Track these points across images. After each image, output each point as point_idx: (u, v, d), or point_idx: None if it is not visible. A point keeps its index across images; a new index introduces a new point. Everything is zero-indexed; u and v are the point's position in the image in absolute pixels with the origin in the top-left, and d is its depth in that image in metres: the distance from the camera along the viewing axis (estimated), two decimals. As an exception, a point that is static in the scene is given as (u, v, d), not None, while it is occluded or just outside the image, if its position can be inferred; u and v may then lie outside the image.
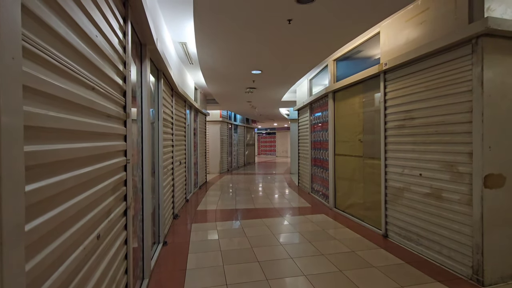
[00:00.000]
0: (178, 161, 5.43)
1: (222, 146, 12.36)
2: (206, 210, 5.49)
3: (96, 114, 1.33)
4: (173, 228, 4.35)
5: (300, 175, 8.22)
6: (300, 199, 6.50)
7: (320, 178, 6.30)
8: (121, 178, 1.76)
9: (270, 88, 7.22)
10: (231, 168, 13.86)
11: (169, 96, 4.53)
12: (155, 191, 3.57)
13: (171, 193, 4.60)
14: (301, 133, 8.06)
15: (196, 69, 6.30)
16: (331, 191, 5.47)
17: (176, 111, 5.29)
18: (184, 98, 5.92)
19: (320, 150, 6.31)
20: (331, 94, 5.41)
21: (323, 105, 6.01)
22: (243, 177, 10.71)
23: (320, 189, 6.31)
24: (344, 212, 5.04)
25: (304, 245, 3.58)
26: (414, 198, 3.32)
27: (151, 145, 3.31)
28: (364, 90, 4.41)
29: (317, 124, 6.52)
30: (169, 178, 4.44)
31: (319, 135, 6.32)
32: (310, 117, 7.01)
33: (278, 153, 25.41)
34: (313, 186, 6.91)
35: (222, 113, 12.30)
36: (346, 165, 4.97)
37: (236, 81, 6.41)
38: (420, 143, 3.23)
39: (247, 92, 7.48)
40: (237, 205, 5.87)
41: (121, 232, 1.77)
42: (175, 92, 5.06)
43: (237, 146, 15.14)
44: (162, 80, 3.64)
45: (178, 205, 5.32)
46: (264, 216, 5.01)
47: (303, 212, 5.32)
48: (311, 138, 6.97)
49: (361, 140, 4.48)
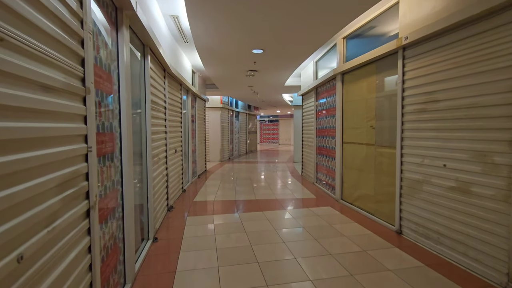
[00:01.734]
0: (173, 149, 5.05)
1: (222, 134, 11.95)
2: (204, 202, 5.15)
3: (17, 82, 0.92)
4: (166, 221, 4.01)
5: (304, 164, 7.83)
6: (304, 190, 6.14)
7: (326, 167, 5.90)
8: (78, 171, 1.37)
9: (272, 71, 6.73)
10: (232, 157, 13.50)
11: (160, 77, 4.09)
12: (143, 183, 3.20)
13: (164, 183, 4.24)
14: (305, 120, 7.61)
15: (192, 50, 5.82)
16: (338, 181, 5.08)
17: (170, 94, 4.86)
18: (180, 81, 5.48)
19: (326, 138, 5.88)
20: (340, 76, 4.93)
21: (330, 89, 5.54)
22: (245, 166, 10.35)
23: (326, 179, 5.93)
24: (352, 204, 4.67)
25: (309, 242, 3.22)
26: (435, 192, 2.91)
27: (136, 131, 2.91)
28: (378, 70, 3.93)
29: (323, 110, 6.06)
30: (161, 167, 4.07)
31: (325, 122, 5.88)
32: (316, 102, 6.54)
33: (281, 141, 25.00)
34: (317, 176, 6.53)
35: (222, 99, 11.82)
36: (355, 154, 4.55)
37: (236, 62, 5.93)
38: (444, 130, 2.80)
39: (248, 75, 6.99)
40: (237, 196, 5.52)
41: (79, 239, 1.39)
42: (168, 74, 4.62)
43: (239, 134, 14.72)
44: (149, 56, 3.20)
45: (173, 196, 4.98)
46: (266, 208, 4.66)
47: (307, 204, 4.96)
48: (316, 125, 6.53)
49: (373, 126, 4.04)
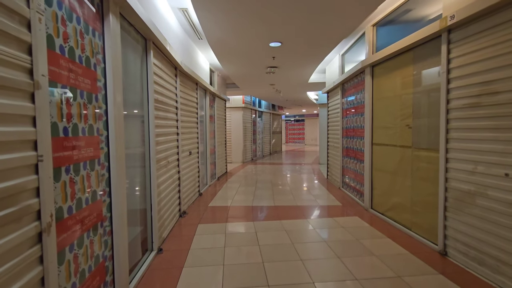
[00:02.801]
0: (187, 151, 4.81)
1: (245, 134, 11.67)
2: (219, 207, 4.85)
3: None
4: (176, 229, 3.75)
5: (329, 167, 7.26)
6: (328, 196, 5.61)
7: (353, 171, 5.33)
8: (22, 185, 1.08)
9: (294, 66, 6.27)
10: (256, 157, 13.17)
11: (170, 75, 3.85)
12: (146, 190, 2.95)
13: (175, 188, 3.99)
14: (331, 119, 7.04)
15: (209, 47, 5.55)
16: (367, 188, 4.51)
17: (183, 94, 4.62)
18: (195, 80, 5.23)
19: (353, 139, 5.31)
20: (369, 69, 4.36)
21: (358, 84, 4.97)
22: (267, 168, 9.96)
23: (353, 184, 5.35)
24: (383, 215, 4.09)
25: (332, 262, 2.76)
26: (493, 208, 2.32)
27: (135, 134, 2.66)
28: (415, 59, 3.35)
29: (350, 108, 5.49)
30: (171, 171, 3.82)
31: (353, 121, 5.31)
32: (342, 99, 5.97)
33: (307, 141, 24.25)
34: (344, 180, 5.96)
35: (245, 98, 11.53)
36: (388, 157, 3.97)
37: (253, 58, 5.56)
38: (507, 129, 2.20)
39: (268, 72, 6.60)
40: (255, 202, 5.15)
41: (25, 270, 1.10)
42: (180, 72, 4.37)
43: (262, 134, 14.36)
44: (152, 52, 2.93)
45: (187, 201, 4.74)
46: (284, 216, 4.24)
47: (332, 213, 4.45)
48: (343, 125, 5.96)
49: (409, 126, 3.46)
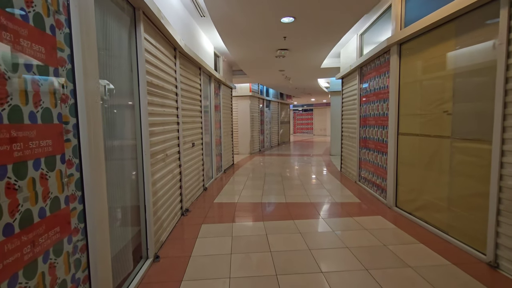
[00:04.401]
0: (190, 142, 4.38)
1: (252, 124, 11.18)
2: (225, 204, 4.43)
3: None
4: (177, 230, 3.35)
5: (344, 159, 6.75)
6: (344, 191, 5.13)
7: (373, 164, 4.82)
8: None
9: (306, 48, 5.69)
10: (263, 148, 12.71)
11: (168, 56, 3.37)
12: (139, 189, 2.52)
13: (175, 184, 3.57)
14: (345, 107, 6.48)
15: (214, 29, 5.03)
16: (391, 183, 4.01)
17: (185, 79, 4.15)
18: (198, 64, 4.74)
19: (373, 128, 4.78)
20: (396, 47, 3.79)
21: (381, 66, 4.40)
22: (276, 159, 9.50)
23: (373, 178, 4.85)
24: (411, 214, 3.60)
25: (359, 275, 2.31)
26: None
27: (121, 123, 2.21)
28: (458, 32, 2.78)
29: (369, 94, 4.93)
30: (171, 165, 3.39)
31: (373, 108, 4.76)
32: (360, 85, 5.40)
33: (315, 132, 23.62)
34: (361, 174, 5.46)
35: (252, 87, 10.99)
36: (418, 149, 3.45)
37: (262, 38, 5.01)
38: None
39: (278, 56, 6.04)
40: (264, 197, 4.72)
41: None
42: (180, 54, 3.89)
43: (270, 124, 13.84)
44: (142, 24, 2.45)
45: (190, 197, 4.33)
46: (298, 215, 3.79)
47: (350, 210, 3.99)
48: (360, 113, 5.41)
49: (448, 112, 2.92)
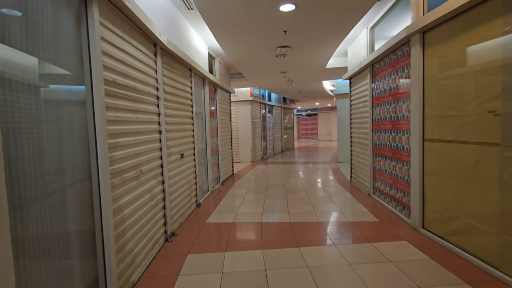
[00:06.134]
0: (178, 153, 3.78)
1: (254, 131, 10.58)
2: (219, 224, 3.80)
3: None
4: (157, 263, 2.73)
5: (354, 168, 6.09)
6: (356, 206, 4.47)
7: (390, 175, 4.16)
8: None
9: (310, 45, 5.10)
10: (266, 156, 12.08)
11: (144, 52, 2.80)
12: (95, 221, 1.92)
13: (157, 205, 2.96)
14: (354, 110, 5.86)
15: (205, 26, 4.49)
16: (416, 199, 3.35)
17: (170, 80, 3.58)
18: (188, 65, 4.19)
19: (390, 133, 4.14)
20: (418, 37, 3.17)
21: (398, 61, 3.78)
22: (280, 168, 8.86)
23: (390, 192, 4.19)
24: (444, 240, 2.93)
25: None
26: None
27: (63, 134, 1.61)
28: (506, 7, 2.16)
29: (384, 94, 4.31)
30: (149, 183, 2.79)
31: (389, 110, 4.13)
32: (372, 84, 4.79)
33: (320, 137, 22.95)
34: (376, 185, 4.79)
35: (253, 91, 10.43)
36: (451, 158, 2.80)
37: (258, 31, 4.44)
38: None
39: (278, 55, 5.47)
40: (264, 216, 4.08)
41: None
42: (163, 51, 3.33)
43: (273, 130, 13.23)
44: (96, 6, 1.88)
45: (178, 218, 3.71)
46: (304, 240, 3.15)
47: (367, 233, 3.32)
48: (373, 116, 4.78)
49: (495, 112, 2.28)
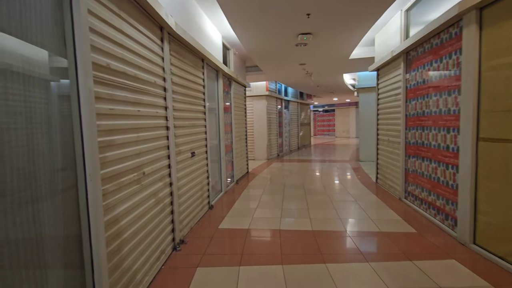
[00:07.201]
0: (189, 151, 3.43)
1: (269, 127, 10.15)
2: (232, 231, 3.43)
3: None
4: (161, 278, 2.38)
5: (381, 168, 5.55)
6: (386, 212, 3.96)
7: (429, 179, 3.63)
8: None
9: (335, 30, 4.58)
10: (282, 153, 11.63)
11: (149, 37, 2.43)
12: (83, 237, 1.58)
13: (163, 210, 2.61)
14: (382, 105, 5.30)
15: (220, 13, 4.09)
16: (466, 209, 2.82)
17: (180, 70, 3.21)
18: (201, 54, 3.81)
19: (428, 131, 3.59)
20: (474, 13, 2.62)
21: (442, 46, 3.23)
22: (297, 166, 8.40)
23: (429, 198, 3.66)
24: (504, 260, 2.41)
25: None
26: None
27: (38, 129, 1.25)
28: None
29: (422, 85, 3.76)
30: (153, 187, 2.44)
31: (429, 104, 3.58)
32: (406, 75, 4.23)
33: (338, 134, 22.19)
34: (408, 189, 4.26)
35: (269, 85, 9.97)
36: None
37: (279, 15, 3.98)
38: None
39: (299, 44, 4.99)
40: (283, 222, 3.66)
41: None
42: (170, 36, 2.95)
43: (289, 126, 12.74)
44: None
45: (188, 223, 3.37)
46: (330, 254, 2.71)
47: (405, 247, 2.84)
48: (407, 111, 4.23)
49: None
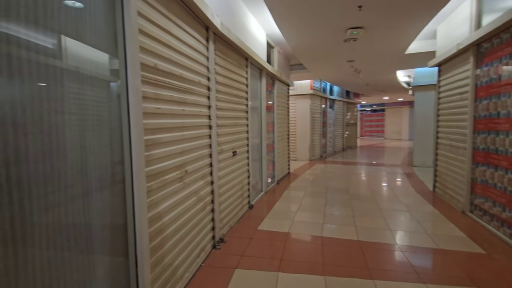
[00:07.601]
0: (230, 151, 3.43)
1: (313, 126, 9.82)
2: (272, 233, 3.34)
3: None
4: (200, 276, 2.40)
5: (439, 176, 4.95)
6: (447, 226, 3.49)
7: (503, 192, 3.09)
8: None
9: (390, 22, 4.18)
10: (325, 154, 11.18)
11: (195, 37, 2.46)
12: (129, 235, 1.63)
13: (203, 208, 2.64)
14: (444, 104, 4.71)
15: (264, 10, 4.02)
16: (552, 232, 2.33)
17: (224, 70, 3.22)
18: (245, 53, 3.79)
19: (505, 136, 3.06)
20: None
21: (526, 35, 2.71)
22: (341, 168, 7.98)
23: (502, 214, 3.12)
24: None
25: None
26: None
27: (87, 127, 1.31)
28: None
29: (498, 82, 3.22)
30: (195, 185, 2.47)
31: (506, 104, 3.05)
32: (475, 71, 3.68)
33: (387, 135, 20.66)
34: (475, 202, 3.71)
35: (313, 84, 9.65)
36: None
37: (328, 9, 3.76)
38: None
39: (347, 39, 4.68)
40: (326, 228, 3.46)
41: None
42: (215, 36, 2.96)
43: (334, 126, 12.20)
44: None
45: (228, 222, 3.37)
46: (379, 270, 2.46)
47: (472, 272, 2.45)
48: (476, 112, 3.68)
49: None
